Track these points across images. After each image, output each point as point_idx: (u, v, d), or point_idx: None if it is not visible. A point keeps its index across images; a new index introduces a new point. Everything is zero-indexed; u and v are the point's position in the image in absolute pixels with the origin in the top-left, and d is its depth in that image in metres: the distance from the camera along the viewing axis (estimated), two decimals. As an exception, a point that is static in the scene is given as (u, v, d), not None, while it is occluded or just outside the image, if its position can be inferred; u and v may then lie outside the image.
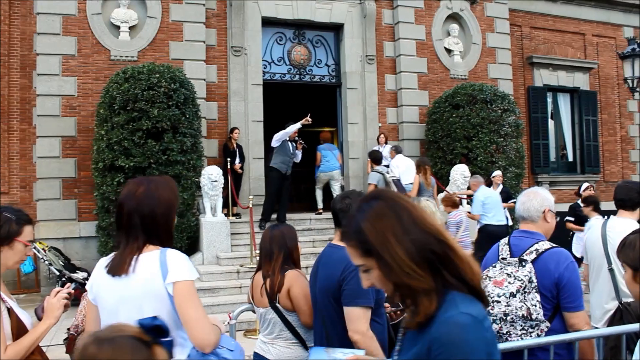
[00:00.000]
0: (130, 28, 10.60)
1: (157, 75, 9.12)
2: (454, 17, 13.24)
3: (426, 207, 3.67)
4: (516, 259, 2.98)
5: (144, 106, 8.93)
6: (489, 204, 9.03)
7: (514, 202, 8.72)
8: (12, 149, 10.76)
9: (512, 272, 2.93)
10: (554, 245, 3.04)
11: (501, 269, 3.00)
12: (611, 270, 3.77)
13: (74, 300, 2.77)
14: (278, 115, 12.55)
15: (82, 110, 10.20)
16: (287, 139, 10.24)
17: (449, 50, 13.10)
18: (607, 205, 6.90)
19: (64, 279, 8.66)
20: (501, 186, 10.43)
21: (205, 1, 11.13)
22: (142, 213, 2.16)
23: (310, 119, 10.18)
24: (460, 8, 13.20)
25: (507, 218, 9.50)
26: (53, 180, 10.01)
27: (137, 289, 2.10)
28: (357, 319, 2.70)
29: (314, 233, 10.45)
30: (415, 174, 9.93)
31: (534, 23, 15.43)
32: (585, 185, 10.26)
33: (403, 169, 10.14)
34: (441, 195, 9.69)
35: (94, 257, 9.77)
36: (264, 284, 3.35)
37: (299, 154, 10.52)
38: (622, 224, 3.78)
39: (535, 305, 2.80)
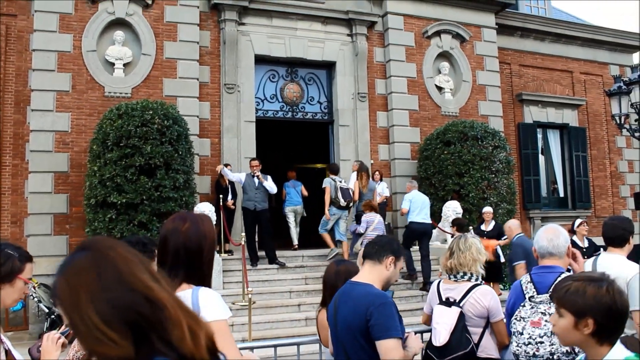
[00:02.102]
0: (124, 65, 10.70)
1: (151, 112, 9.17)
2: (444, 55, 13.46)
3: (472, 244, 3.72)
4: (546, 296, 3.05)
5: (137, 143, 8.95)
6: (414, 204, 10.09)
7: (506, 239, 8.80)
8: (4, 184, 10.71)
9: (545, 310, 3.02)
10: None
11: (532, 307, 3.09)
12: (603, 307, 3.79)
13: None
14: (271, 152, 12.62)
15: (75, 146, 10.22)
16: (252, 175, 10.24)
17: (439, 88, 13.28)
18: (598, 240, 7.12)
19: (52, 316, 8.54)
20: (493, 222, 10.45)
21: (199, 39, 11.29)
22: (189, 249, 2.17)
23: (218, 169, 10.52)
24: (451, 46, 13.44)
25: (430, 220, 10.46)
26: (44, 216, 9.95)
27: None
28: (392, 350, 2.73)
29: (307, 270, 10.39)
30: (356, 181, 10.91)
31: (523, 61, 15.72)
32: (578, 221, 10.29)
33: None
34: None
35: (83, 294, 9.65)
36: None
37: (269, 186, 10.32)
38: (613, 261, 3.85)
39: None
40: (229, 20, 11.60)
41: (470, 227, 10.45)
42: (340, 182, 10.62)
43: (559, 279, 3.04)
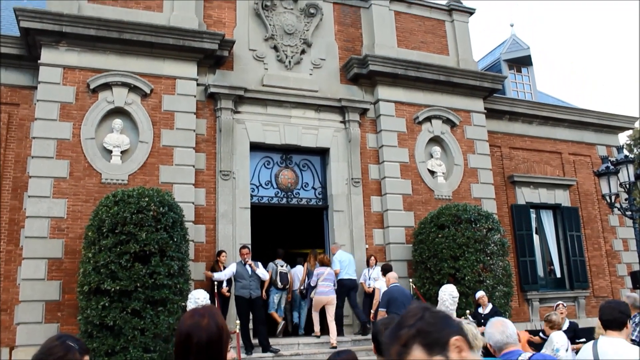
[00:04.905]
0: (122, 152, 10.88)
1: (147, 199, 9.23)
2: (435, 140, 13.76)
3: (468, 330, 3.75)
4: None
5: (133, 229, 8.95)
6: (343, 262, 11.50)
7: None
8: (-3, 270, 10.63)
9: None
10: (533, 351, 3.59)
11: None
12: (604, 391, 3.78)
13: None
14: (266, 238, 12.59)
15: (70, 232, 10.21)
16: (243, 263, 10.30)
17: (432, 172, 13.48)
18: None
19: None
20: (490, 306, 10.36)
21: (195, 127, 11.55)
22: (212, 342, 2.22)
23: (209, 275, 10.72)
24: (442, 131, 13.77)
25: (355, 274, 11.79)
26: (36, 303, 9.79)
27: None
28: None
29: (303, 358, 10.18)
30: (305, 263, 12.12)
31: (513, 144, 16.09)
32: (557, 303, 10.28)
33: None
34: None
35: (72, 386, 9.36)
36: None
37: (261, 273, 10.44)
38: (614, 345, 3.87)
39: None
40: (224, 109, 11.92)
41: (467, 311, 10.34)
42: (282, 266, 11.80)
43: (520, 357, 3.41)
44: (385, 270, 10.89)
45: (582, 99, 65.72)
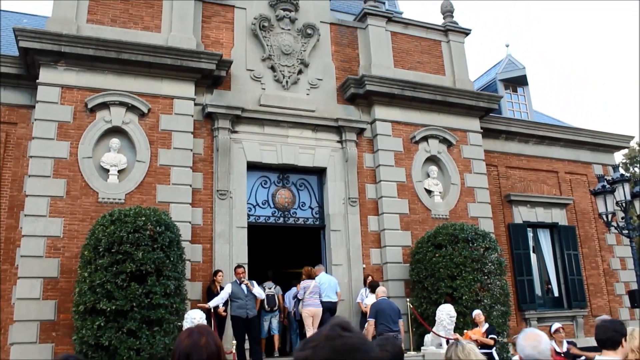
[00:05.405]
0: (119, 171, 10.88)
1: (143, 218, 9.23)
2: (432, 159, 13.80)
3: (470, 350, 3.71)
4: None
5: (129, 249, 8.94)
6: (323, 285, 11.29)
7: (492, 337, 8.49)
8: (-8, 290, 10.56)
9: None
10: None
11: None
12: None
13: None
14: (263, 258, 12.53)
15: (67, 252, 10.17)
16: (239, 282, 10.27)
17: (429, 191, 13.50)
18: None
19: None
20: (487, 325, 10.32)
21: (192, 146, 11.57)
22: None
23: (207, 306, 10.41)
24: (438, 151, 13.81)
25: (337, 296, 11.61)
26: (30, 323, 9.71)
27: None
28: None
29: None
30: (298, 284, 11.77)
31: (509, 163, 16.14)
32: (555, 326, 10.04)
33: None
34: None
35: (67, 407, 9.26)
36: None
37: (257, 292, 10.44)
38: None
39: None
40: (222, 129, 11.96)
41: (465, 331, 10.30)
42: (270, 289, 11.76)
43: None
44: (372, 287, 11.08)
45: (581, 107, 66.14)
